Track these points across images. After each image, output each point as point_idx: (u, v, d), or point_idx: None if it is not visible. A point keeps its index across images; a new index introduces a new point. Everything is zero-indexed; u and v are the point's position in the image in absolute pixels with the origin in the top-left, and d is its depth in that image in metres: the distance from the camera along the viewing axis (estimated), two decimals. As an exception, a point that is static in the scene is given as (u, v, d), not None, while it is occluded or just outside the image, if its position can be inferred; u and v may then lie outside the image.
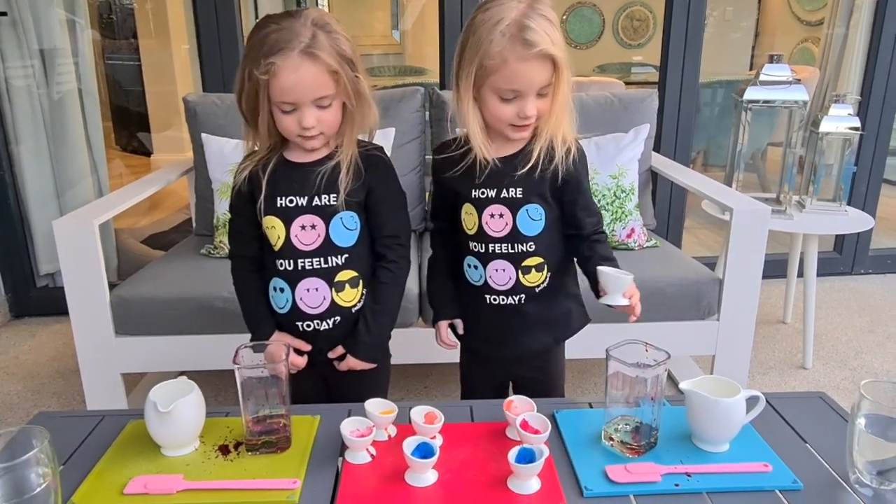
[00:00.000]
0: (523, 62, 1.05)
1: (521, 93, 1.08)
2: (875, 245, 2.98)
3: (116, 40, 5.21)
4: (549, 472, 0.90)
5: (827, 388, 2.07)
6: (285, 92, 1.07)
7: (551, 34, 1.05)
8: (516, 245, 1.17)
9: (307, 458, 0.95)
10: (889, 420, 0.85)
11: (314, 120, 1.10)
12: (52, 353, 2.37)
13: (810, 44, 4.75)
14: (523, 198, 1.15)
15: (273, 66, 1.04)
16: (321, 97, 1.09)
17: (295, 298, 1.18)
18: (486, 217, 1.17)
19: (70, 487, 0.89)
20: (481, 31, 1.06)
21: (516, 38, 1.04)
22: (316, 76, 1.07)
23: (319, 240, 1.17)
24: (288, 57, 1.05)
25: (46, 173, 2.58)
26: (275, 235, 1.17)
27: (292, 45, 1.05)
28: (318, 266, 1.17)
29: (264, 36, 1.06)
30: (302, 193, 1.16)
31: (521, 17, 1.04)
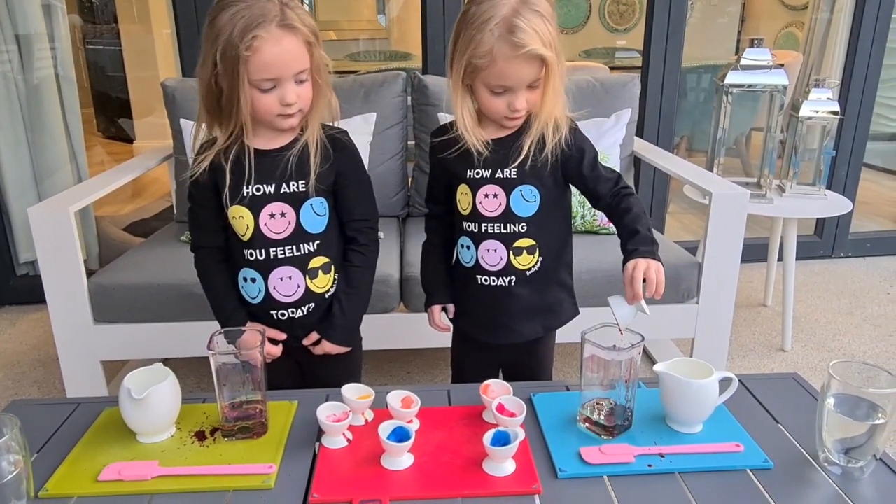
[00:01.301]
0: (511, 61, 1.05)
1: (511, 89, 1.09)
2: (855, 228, 3.02)
3: (97, 25, 5.12)
4: (524, 454, 0.91)
5: (805, 370, 2.10)
6: (268, 67, 1.05)
7: (542, 32, 1.05)
8: (509, 225, 1.18)
9: (283, 443, 0.95)
10: (857, 399, 0.86)
11: (295, 95, 1.08)
12: (33, 341, 2.35)
13: (795, 28, 4.76)
14: (518, 178, 1.15)
15: (256, 39, 1.02)
16: (300, 71, 1.08)
17: (268, 287, 1.17)
18: (480, 197, 1.18)
19: (44, 475, 0.89)
20: (472, 28, 1.06)
21: (505, 38, 1.04)
22: (296, 47, 1.06)
23: (290, 227, 1.16)
24: (268, 30, 1.03)
25: (24, 161, 2.54)
26: (243, 225, 1.15)
27: (268, 18, 1.03)
28: (291, 254, 1.16)
29: (233, 15, 1.03)
30: (269, 181, 1.14)
31: (512, 16, 1.04)
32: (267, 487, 0.86)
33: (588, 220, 1.98)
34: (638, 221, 1.12)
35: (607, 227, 1.98)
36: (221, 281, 1.21)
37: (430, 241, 1.33)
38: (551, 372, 1.35)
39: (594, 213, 1.96)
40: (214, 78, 1.07)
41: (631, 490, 0.86)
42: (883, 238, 3.08)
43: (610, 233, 1.99)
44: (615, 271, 1.79)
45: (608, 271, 1.80)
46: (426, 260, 1.34)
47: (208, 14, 1.07)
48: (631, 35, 5.62)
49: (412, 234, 2.04)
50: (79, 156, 2.66)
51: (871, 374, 0.89)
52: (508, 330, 1.24)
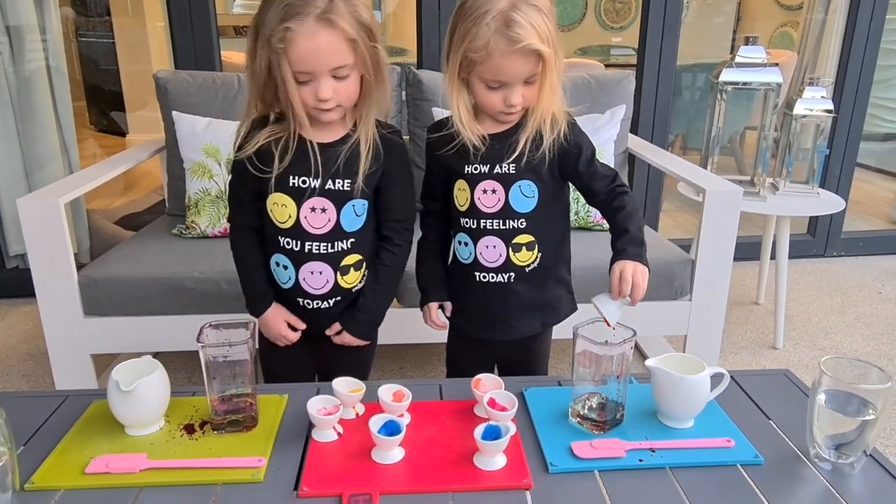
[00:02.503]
0: (507, 56, 1.04)
1: (507, 83, 1.07)
2: (848, 228, 3.03)
3: (90, 17, 5.08)
4: (516, 448, 0.91)
5: (796, 368, 2.11)
6: (301, 60, 1.03)
7: (539, 26, 1.04)
8: (507, 221, 1.17)
9: (274, 436, 0.94)
10: (847, 395, 0.86)
11: (331, 91, 1.06)
12: (22, 334, 2.33)
13: (790, 28, 4.77)
14: (516, 174, 1.15)
15: (288, 31, 1.01)
16: (338, 67, 1.05)
17: (298, 278, 1.18)
18: (478, 192, 1.17)
19: (31, 467, 0.88)
20: (468, 21, 1.05)
21: (501, 32, 1.02)
22: (332, 43, 1.03)
23: (329, 224, 1.15)
24: (303, 23, 1.01)
25: (15, 153, 2.51)
26: (284, 214, 1.15)
27: (308, 10, 1.01)
28: (326, 251, 1.16)
29: (279, 4, 1.02)
30: (316, 175, 1.13)
31: (509, 9, 1.03)
32: (256, 481, 0.86)
33: (582, 217, 1.97)
34: (630, 220, 1.12)
35: (601, 223, 1.98)
36: (256, 261, 1.21)
37: (427, 239, 1.32)
38: (547, 368, 1.35)
39: (588, 209, 1.96)
40: (260, 61, 1.06)
41: (622, 485, 0.86)
42: (875, 237, 3.10)
43: (604, 229, 1.99)
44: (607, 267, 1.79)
45: (603, 268, 1.79)
46: (422, 257, 1.33)
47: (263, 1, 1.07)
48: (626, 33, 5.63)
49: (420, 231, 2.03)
50: (70, 149, 2.64)
51: (863, 370, 0.89)
52: (506, 326, 1.23)
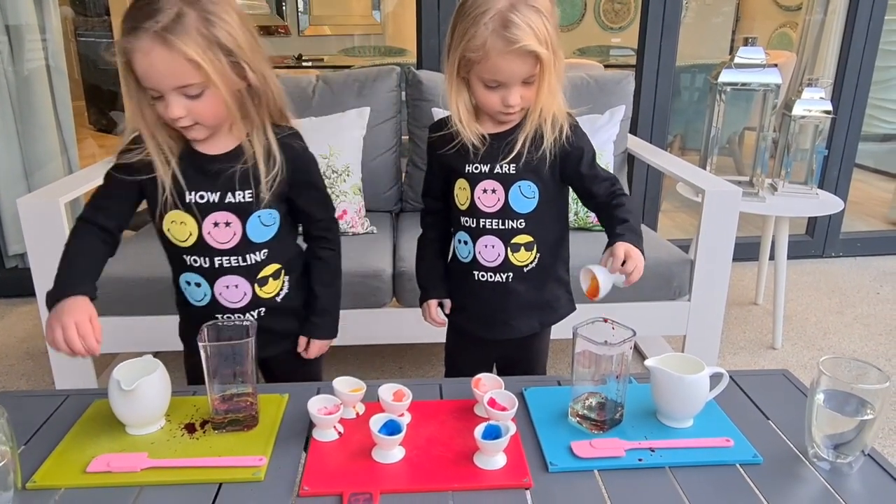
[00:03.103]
0: (504, 56, 1.03)
1: (504, 83, 1.07)
2: (846, 228, 3.04)
3: (89, 17, 5.08)
4: (516, 448, 0.91)
5: (795, 368, 2.11)
6: (143, 77, 0.96)
7: (537, 27, 1.03)
8: (507, 221, 1.17)
9: (274, 435, 0.95)
10: (846, 395, 0.87)
11: (182, 110, 0.98)
12: (22, 334, 2.33)
13: (789, 29, 4.78)
14: (517, 174, 1.14)
15: (126, 46, 0.94)
16: (183, 86, 0.97)
17: (214, 293, 1.13)
18: (478, 192, 1.17)
19: (32, 466, 0.88)
20: (467, 20, 1.05)
21: (498, 32, 1.02)
22: (169, 64, 0.94)
23: (236, 238, 1.10)
24: (139, 38, 0.93)
25: (14, 153, 2.52)
26: (185, 231, 1.09)
27: (147, 24, 0.92)
28: (237, 264, 1.12)
29: (130, 8, 0.95)
30: (213, 189, 1.07)
31: (507, 10, 1.02)
32: (257, 480, 0.86)
33: (581, 217, 1.98)
34: (630, 216, 1.12)
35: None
36: (87, 247, 1.07)
37: (427, 236, 1.32)
38: (546, 367, 1.36)
39: (587, 209, 1.96)
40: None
41: (621, 484, 0.86)
42: (873, 238, 3.10)
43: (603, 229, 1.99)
44: (608, 268, 1.80)
45: (601, 268, 1.80)
46: (422, 255, 1.33)
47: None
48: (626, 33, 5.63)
49: (405, 230, 2.04)
50: (70, 148, 2.64)
51: (861, 370, 0.89)
52: (505, 325, 1.24)
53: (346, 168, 1.97)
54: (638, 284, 1.82)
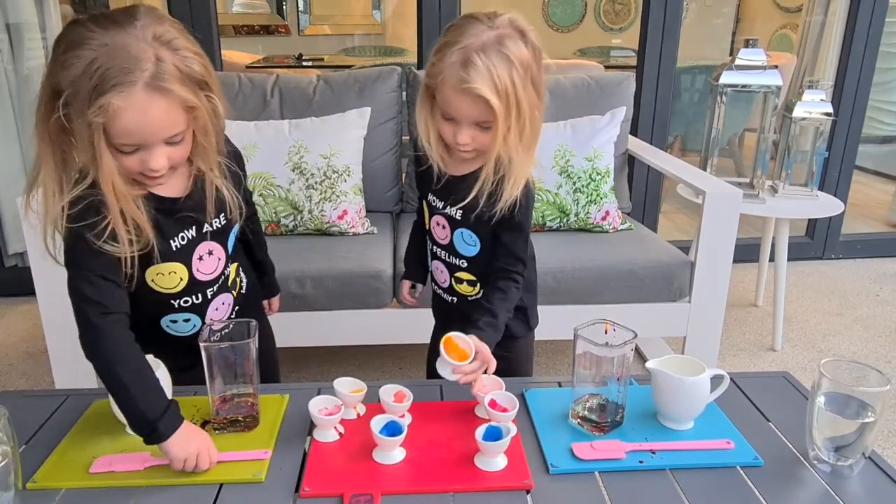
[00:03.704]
0: (456, 92, 1.00)
1: (456, 119, 1.03)
2: (846, 230, 3.04)
3: (89, 16, 5.08)
4: (517, 449, 0.91)
5: (795, 370, 2.12)
6: (128, 134, 0.85)
7: (499, 76, 0.97)
8: (451, 258, 1.19)
9: (275, 436, 0.95)
10: (847, 398, 0.87)
11: (164, 160, 0.89)
12: (22, 333, 2.33)
13: (789, 30, 4.78)
14: (461, 220, 1.13)
15: (110, 106, 0.81)
16: (174, 135, 0.88)
17: (205, 321, 1.08)
18: (433, 222, 1.19)
19: (33, 466, 0.88)
20: (439, 45, 1.02)
21: (456, 67, 0.98)
22: (168, 114, 0.85)
23: (220, 263, 1.07)
24: (130, 94, 0.81)
25: (14, 151, 2.52)
26: (174, 280, 1.01)
27: (132, 76, 0.81)
28: (222, 285, 1.09)
29: (89, 62, 0.80)
30: (188, 226, 1.00)
31: (477, 50, 0.97)
32: (258, 480, 0.86)
33: (582, 218, 1.98)
34: (501, 307, 1.08)
35: (601, 224, 1.99)
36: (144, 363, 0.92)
37: (417, 223, 1.33)
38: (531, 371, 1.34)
39: (588, 210, 1.96)
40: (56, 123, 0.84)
41: (622, 486, 0.86)
42: (873, 240, 3.10)
43: (604, 231, 1.99)
44: (607, 269, 1.80)
45: (601, 269, 1.80)
46: (412, 237, 1.36)
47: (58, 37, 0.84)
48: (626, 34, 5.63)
49: (405, 230, 2.03)
50: (70, 147, 2.64)
51: (862, 373, 0.89)
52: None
53: (347, 168, 1.97)
54: (638, 285, 1.83)
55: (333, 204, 1.93)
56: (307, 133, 1.95)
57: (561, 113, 2.07)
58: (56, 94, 0.83)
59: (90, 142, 0.83)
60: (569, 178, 1.95)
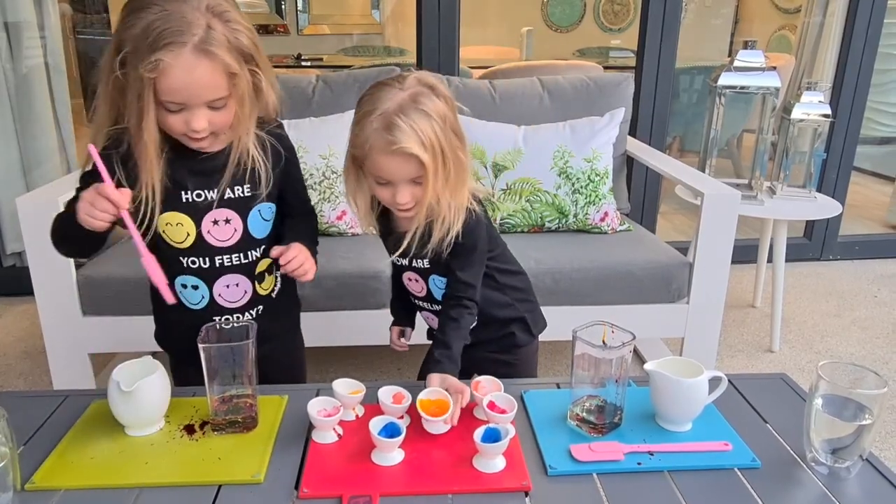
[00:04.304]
0: (386, 156, 1.01)
1: (391, 182, 1.05)
2: (844, 231, 3.04)
3: (88, 14, 5.07)
4: (515, 451, 0.91)
5: (792, 371, 2.12)
6: (174, 92, 0.94)
7: (423, 131, 1.00)
8: (434, 305, 1.20)
9: (273, 437, 0.95)
10: (844, 400, 0.87)
11: (205, 122, 0.97)
12: (20, 333, 2.33)
13: (787, 31, 4.79)
14: (431, 268, 1.15)
15: (161, 62, 0.90)
16: (215, 99, 0.97)
17: (213, 294, 1.12)
18: (405, 279, 1.21)
19: (32, 467, 0.88)
20: (357, 116, 1.04)
21: (380, 132, 1.00)
22: (213, 77, 0.94)
23: (237, 235, 1.10)
24: (179, 54, 0.91)
25: (12, 151, 2.51)
26: (182, 233, 1.07)
27: (184, 37, 0.91)
28: (238, 262, 1.11)
29: (148, 23, 0.91)
30: (210, 186, 1.06)
31: (393, 113, 0.99)
32: (256, 482, 0.86)
33: (580, 219, 1.98)
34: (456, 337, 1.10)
35: (600, 225, 1.99)
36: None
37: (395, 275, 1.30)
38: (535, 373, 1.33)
39: (587, 211, 1.96)
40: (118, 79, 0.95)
41: (620, 488, 0.86)
42: (871, 241, 3.11)
43: (602, 232, 2.00)
44: (606, 270, 1.81)
45: (600, 271, 1.81)
46: (393, 286, 1.32)
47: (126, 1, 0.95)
48: (625, 35, 5.64)
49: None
50: (68, 147, 2.63)
51: (859, 375, 0.89)
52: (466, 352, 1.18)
53: (346, 169, 1.96)
54: (637, 286, 1.84)
55: (332, 204, 1.94)
56: (306, 133, 1.95)
57: (560, 114, 2.07)
58: (117, 52, 0.94)
59: (139, 95, 0.93)
60: (567, 178, 1.95)
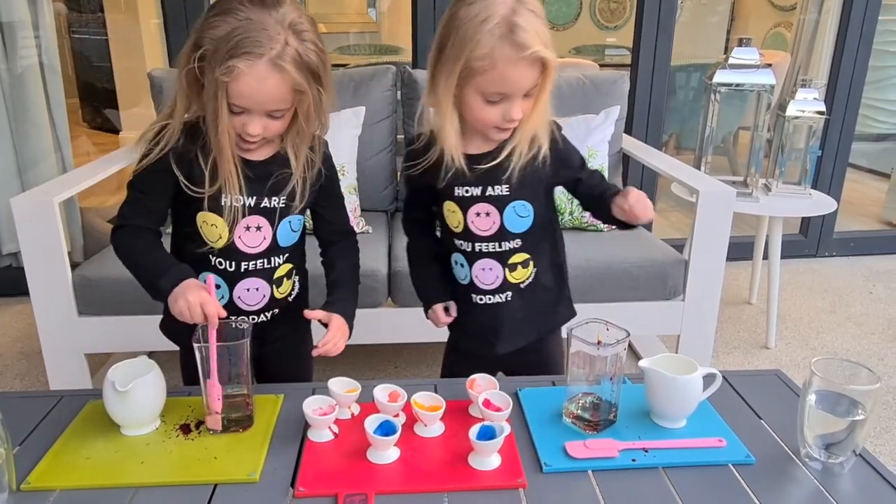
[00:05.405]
0: (514, 65, 0.97)
1: (509, 95, 1.01)
2: (839, 228, 3.05)
3: (82, 14, 5.06)
4: (510, 448, 0.91)
5: (788, 367, 2.13)
6: (242, 97, 0.98)
7: (541, 32, 0.98)
8: (503, 243, 1.13)
9: (269, 436, 0.95)
10: (838, 396, 0.87)
11: (261, 128, 1.01)
12: (16, 333, 2.33)
13: (783, 29, 4.79)
14: (510, 195, 1.10)
15: (236, 69, 0.95)
16: (275, 109, 1.01)
17: (233, 296, 1.13)
18: (471, 216, 1.12)
19: (27, 467, 0.88)
20: (466, 29, 0.98)
21: (506, 38, 0.96)
22: (280, 90, 0.98)
23: (266, 243, 1.11)
24: (254, 64, 0.95)
25: (7, 151, 2.51)
26: (215, 234, 1.09)
27: (262, 49, 0.95)
28: (261, 267, 1.13)
29: (232, 28, 0.95)
30: (249, 193, 1.08)
31: (511, 14, 0.96)
32: (252, 481, 0.86)
33: (576, 217, 1.98)
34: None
35: (595, 224, 1.99)
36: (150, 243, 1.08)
37: (417, 245, 1.28)
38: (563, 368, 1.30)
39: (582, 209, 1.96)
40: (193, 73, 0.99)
41: (615, 484, 0.86)
42: (867, 238, 3.12)
43: (598, 230, 2.00)
44: (602, 267, 1.81)
45: (596, 268, 1.81)
46: (416, 262, 1.28)
47: (214, 3, 1.00)
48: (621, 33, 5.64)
49: (400, 229, 2.03)
50: (64, 146, 2.63)
51: (853, 371, 0.90)
52: (504, 341, 1.20)
53: (342, 168, 1.96)
54: (633, 284, 1.84)
55: (328, 203, 1.93)
56: (302, 132, 1.95)
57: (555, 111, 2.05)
58: (196, 48, 0.98)
59: (214, 94, 0.97)
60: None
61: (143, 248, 1.07)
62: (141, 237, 1.08)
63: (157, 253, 1.08)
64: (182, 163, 1.05)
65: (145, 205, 1.09)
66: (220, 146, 1.02)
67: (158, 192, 1.08)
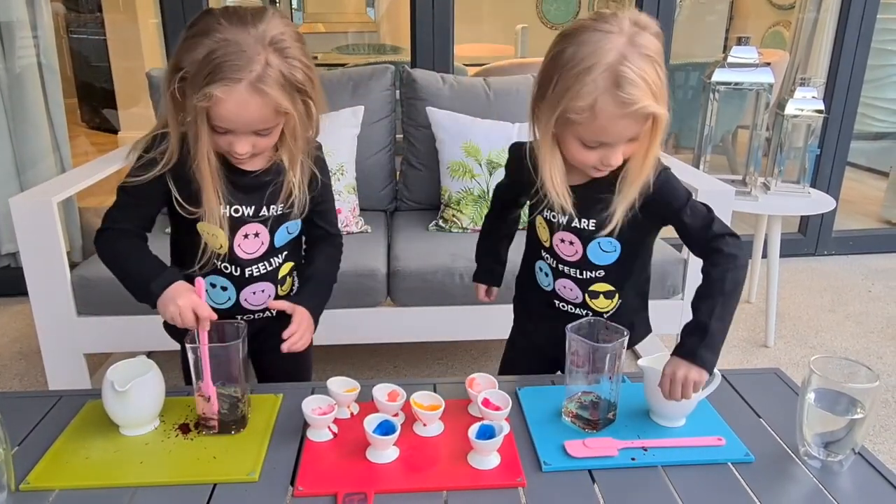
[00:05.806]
0: (616, 120, 0.91)
1: (609, 144, 0.95)
2: (838, 226, 3.05)
3: (81, 14, 5.05)
4: (509, 447, 0.91)
5: (787, 366, 2.13)
6: (223, 120, 0.96)
7: (652, 81, 0.90)
8: (585, 272, 1.10)
9: (268, 436, 0.95)
10: (837, 394, 0.87)
11: (249, 146, 1.00)
12: (15, 333, 2.32)
13: (781, 27, 4.80)
14: (595, 230, 1.05)
15: (214, 96, 0.92)
16: (262, 129, 1.00)
17: (239, 299, 1.15)
18: (556, 240, 1.10)
19: (26, 467, 0.88)
20: (570, 76, 0.91)
21: (609, 92, 0.89)
22: (261, 112, 0.96)
23: (263, 247, 1.13)
24: (233, 90, 0.92)
25: (6, 151, 2.50)
26: (216, 243, 1.09)
27: (240, 73, 0.92)
28: (265, 270, 1.15)
29: (208, 52, 0.92)
30: (248, 203, 1.08)
31: (618, 63, 0.88)
32: (251, 480, 0.86)
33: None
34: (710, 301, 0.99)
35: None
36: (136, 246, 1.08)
37: (497, 216, 1.27)
38: None
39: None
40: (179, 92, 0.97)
41: (614, 483, 0.86)
42: (865, 236, 3.12)
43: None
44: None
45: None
46: (488, 230, 1.29)
47: (192, 21, 0.97)
48: (620, 32, 5.63)
49: (399, 229, 2.04)
50: (62, 146, 2.62)
51: (852, 369, 0.90)
52: None
53: (341, 167, 1.96)
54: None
55: (327, 203, 1.93)
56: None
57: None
58: (176, 69, 0.96)
59: (195, 119, 0.96)
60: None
61: (130, 252, 1.07)
62: (127, 241, 1.08)
63: (145, 257, 1.07)
64: (178, 178, 1.05)
65: (135, 210, 1.09)
66: (201, 173, 1.01)
67: (150, 200, 1.08)
